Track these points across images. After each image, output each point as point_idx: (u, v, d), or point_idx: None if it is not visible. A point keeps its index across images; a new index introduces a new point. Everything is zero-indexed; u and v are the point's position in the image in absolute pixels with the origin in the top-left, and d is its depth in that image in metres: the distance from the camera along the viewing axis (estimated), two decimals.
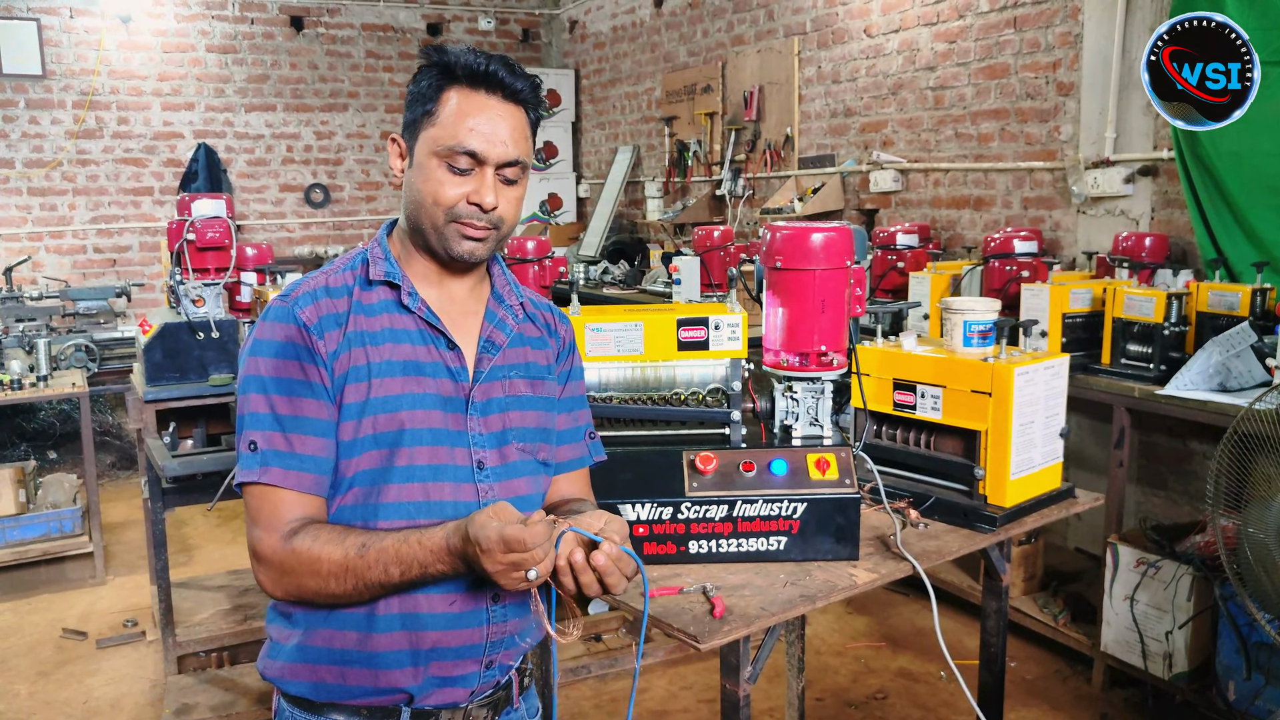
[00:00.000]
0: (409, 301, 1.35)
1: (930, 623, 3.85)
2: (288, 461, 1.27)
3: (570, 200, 8.32)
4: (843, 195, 5.51)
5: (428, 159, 1.31)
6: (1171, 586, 3.12)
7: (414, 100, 1.34)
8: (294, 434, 1.27)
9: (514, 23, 8.48)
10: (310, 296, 1.32)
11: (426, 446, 1.31)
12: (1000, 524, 2.01)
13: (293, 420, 1.28)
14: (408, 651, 1.31)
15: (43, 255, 7.02)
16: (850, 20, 5.38)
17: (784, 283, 2.00)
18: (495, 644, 1.36)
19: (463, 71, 1.31)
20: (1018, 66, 4.47)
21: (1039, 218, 4.43)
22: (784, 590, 1.73)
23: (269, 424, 1.27)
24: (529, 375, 1.43)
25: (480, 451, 1.35)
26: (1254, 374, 3.03)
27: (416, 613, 1.29)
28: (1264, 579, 2.33)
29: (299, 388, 1.28)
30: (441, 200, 1.30)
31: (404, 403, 1.31)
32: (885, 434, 2.22)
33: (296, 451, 1.27)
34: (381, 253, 1.38)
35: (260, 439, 1.27)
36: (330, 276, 1.36)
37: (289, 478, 1.27)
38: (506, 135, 1.31)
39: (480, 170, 1.31)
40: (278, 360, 1.29)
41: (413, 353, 1.33)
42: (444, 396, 1.34)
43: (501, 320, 1.42)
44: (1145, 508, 3.97)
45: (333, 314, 1.31)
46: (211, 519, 5.28)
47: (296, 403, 1.28)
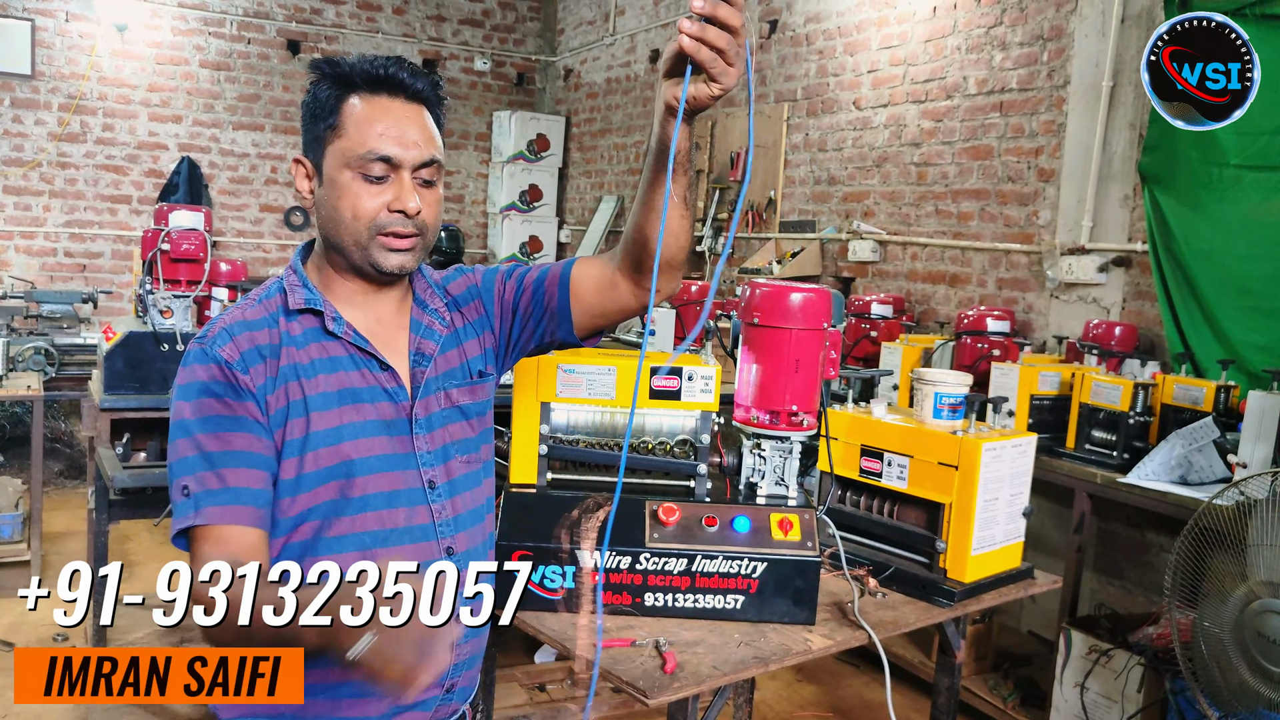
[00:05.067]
0: (334, 327, 1.30)
1: (878, 696, 3.79)
2: (220, 498, 1.20)
3: (551, 244, 8.33)
4: (821, 261, 5.56)
5: (339, 173, 1.26)
6: (1123, 676, 3.11)
7: (313, 116, 1.29)
8: (225, 469, 1.21)
9: (510, 66, 8.56)
10: (226, 334, 1.26)
11: (379, 474, 1.27)
12: (959, 599, 1.99)
13: (221, 455, 1.21)
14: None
15: (11, 255, 6.91)
16: (841, 91, 5.47)
17: (760, 339, 2.00)
18: (456, 667, 1.34)
19: (361, 78, 1.27)
20: (1001, 150, 4.55)
21: (1013, 299, 4.48)
22: (738, 650, 1.70)
23: (198, 465, 1.21)
24: (465, 382, 1.39)
25: (429, 471, 1.32)
26: (1215, 469, 3.06)
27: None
28: (1217, 675, 2.32)
29: (226, 423, 1.22)
30: (361, 213, 1.26)
31: (345, 433, 1.26)
32: (849, 499, 2.20)
33: (230, 486, 1.21)
34: (298, 280, 1.33)
35: (192, 483, 1.21)
36: (246, 310, 1.30)
37: (226, 514, 1.20)
38: (417, 135, 1.28)
39: (397, 175, 1.26)
40: (200, 400, 1.23)
41: (347, 379, 1.29)
42: (385, 420, 1.30)
43: (428, 328, 1.38)
44: (1100, 595, 3.97)
45: (255, 348, 1.26)
46: (157, 536, 5.16)
47: (224, 438, 1.22)
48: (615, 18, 7.70)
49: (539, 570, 1.77)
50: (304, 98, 1.31)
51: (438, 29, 8.19)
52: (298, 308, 1.29)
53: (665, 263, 1.32)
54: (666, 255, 1.32)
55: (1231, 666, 2.29)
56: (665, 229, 1.27)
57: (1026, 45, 4.42)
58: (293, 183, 1.33)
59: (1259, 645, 2.26)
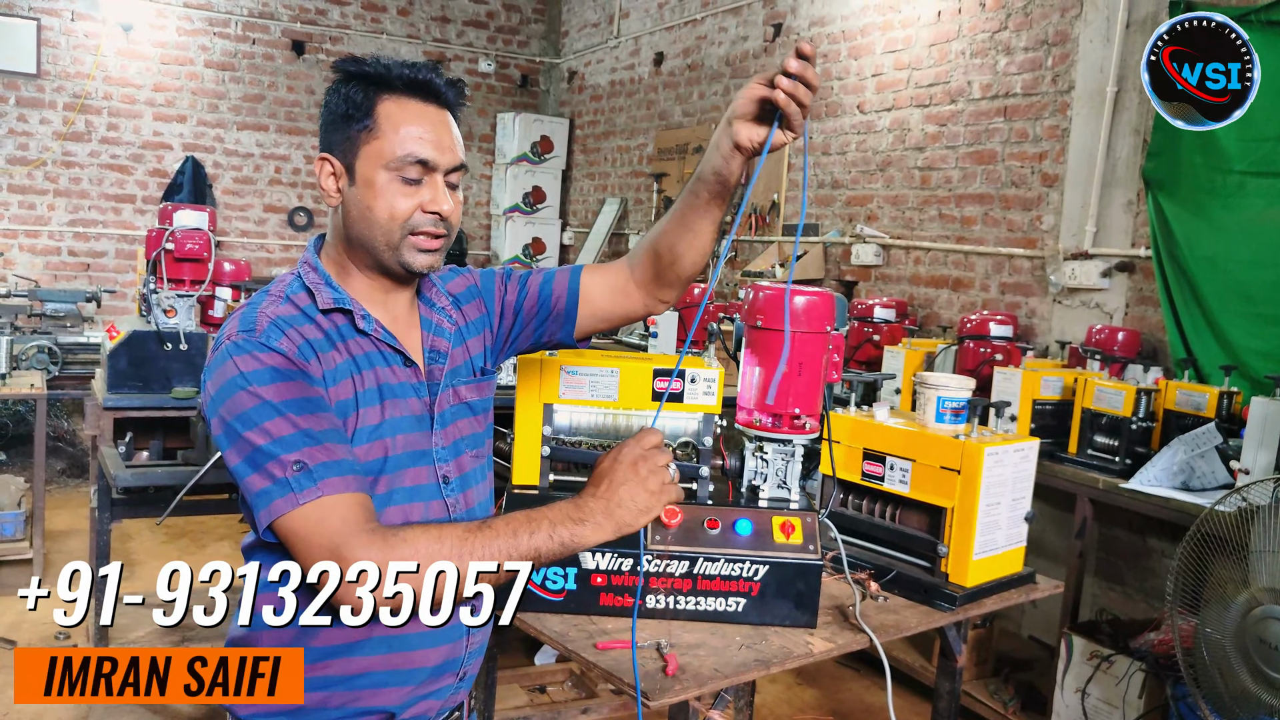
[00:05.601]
0: (364, 325, 1.31)
1: (879, 700, 3.79)
2: (336, 470, 1.17)
3: (554, 246, 8.34)
4: (824, 265, 5.56)
5: (375, 174, 1.27)
6: (1124, 682, 3.11)
7: (342, 116, 1.29)
8: (330, 444, 1.19)
9: (514, 67, 8.56)
10: (275, 326, 1.24)
11: (406, 469, 1.30)
12: (960, 603, 1.99)
13: (323, 433, 1.19)
14: (394, 671, 1.29)
15: (15, 253, 6.93)
16: (845, 95, 5.47)
17: (763, 342, 2.00)
18: (472, 654, 1.38)
19: (400, 81, 1.28)
20: (1005, 154, 4.55)
21: (1015, 303, 4.48)
22: (739, 653, 1.70)
23: (303, 441, 1.17)
24: (471, 379, 1.42)
25: (444, 466, 1.34)
26: (1217, 475, 3.06)
27: (403, 634, 1.26)
28: (1219, 681, 2.32)
29: (314, 403, 1.21)
30: (398, 214, 1.28)
31: (385, 429, 1.28)
32: (851, 503, 2.20)
33: (341, 459, 1.18)
34: (320, 278, 1.32)
35: (304, 457, 1.16)
36: (279, 306, 1.28)
37: (349, 483, 1.17)
38: (451, 141, 1.31)
39: (431, 178, 1.29)
40: (279, 384, 1.19)
41: (383, 375, 1.31)
42: (415, 416, 1.32)
43: (439, 326, 1.40)
44: (1102, 601, 3.97)
45: (306, 342, 1.25)
46: (159, 535, 5.16)
47: (319, 417, 1.20)
48: (619, 20, 7.71)
49: (540, 571, 1.77)
50: (328, 97, 1.32)
51: (442, 30, 8.20)
52: (326, 307, 1.30)
53: (686, 278, 1.46)
54: (692, 271, 1.47)
55: (1233, 673, 2.29)
56: (699, 250, 1.41)
57: (1031, 50, 4.42)
58: (316, 181, 1.33)
59: (1261, 651, 2.26)
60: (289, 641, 1.22)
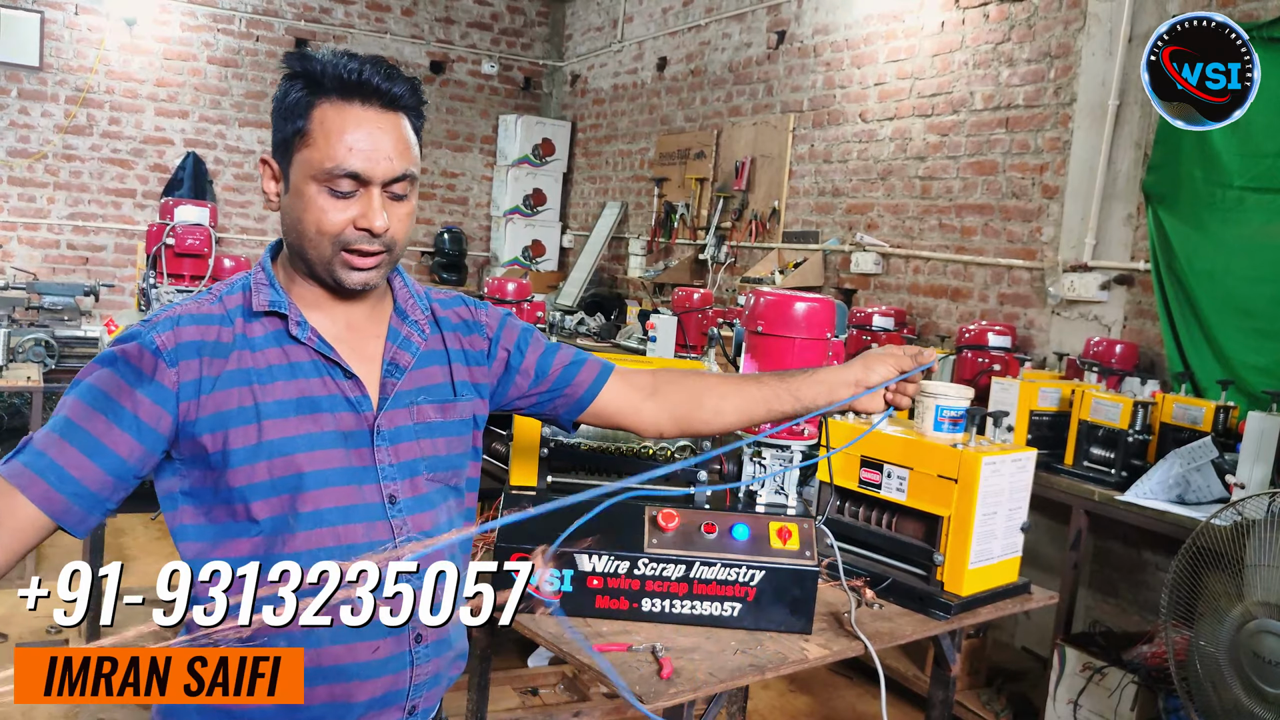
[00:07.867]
0: (297, 332, 1.23)
1: (871, 708, 3.79)
2: (38, 464, 1.12)
3: (553, 249, 8.35)
4: (823, 272, 5.57)
5: (305, 184, 1.19)
6: (1116, 695, 3.11)
7: (282, 117, 1.21)
8: (69, 444, 1.13)
9: (517, 70, 8.57)
10: (171, 322, 1.19)
11: (333, 488, 1.21)
12: (955, 612, 1.99)
13: (75, 431, 1.14)
14: (333, 705, 1.21)
15: (14, 246, 6.92)
16: (847, 103, 5.48)
17: (764, 347, 2.00)
18: (418, 687, 1.28)
19: (332, 83, 1.18)
20: (1006, 165, 4.56)
21: (1014, 314, 4.49)
22: (734, 658, 1.70)
23: (57, 426, 1.14)
24: (437, 399, 1.32)
25: (391, 485, 1.25)
26: (1213, 489, 3.06)
27: (339, 665, 1.20)
28: (1212, 695, 2.32)
29: (103, 403, 1.15)
30: (326, 229, 1.19)
31: (299, 444, 1.20)
32: (848, 510, 2.21)
33: (56, 462, 1.12)
34: (265, 279, 1.25)
35: (40, 438, 1.13)
36: (202, 304, 1.23)
37: (25, 480, 1.11)
38: (390, 149, 1.19)
39: (366, 191, 1.19)
40: (105, 373, 1.16)
41: (307, 388, 1.22)
42: (344, 432, 1.23)
43: (406, 339, 1.31)
44: (1095, 612, 3.97)
45: (196, 343, 1.19)
46: (153, 530, 5.15)
47: (93, 418, 1.14)
48: (623, 25, 7.72)
49: (538, 573, 1.77)
50: (275, 92, 1.23)
51: (446, 31, 8.20)
52: (261, 310, 1.23)
53: (700, 435, 1.66)
54: (709, 434, 1.64)
55: (1226, 686, 2.29)
56: (730, 427, 1.53)
57: (1034, 62, 4.44)
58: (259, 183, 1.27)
59: (1254, 665, 2.26)
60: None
